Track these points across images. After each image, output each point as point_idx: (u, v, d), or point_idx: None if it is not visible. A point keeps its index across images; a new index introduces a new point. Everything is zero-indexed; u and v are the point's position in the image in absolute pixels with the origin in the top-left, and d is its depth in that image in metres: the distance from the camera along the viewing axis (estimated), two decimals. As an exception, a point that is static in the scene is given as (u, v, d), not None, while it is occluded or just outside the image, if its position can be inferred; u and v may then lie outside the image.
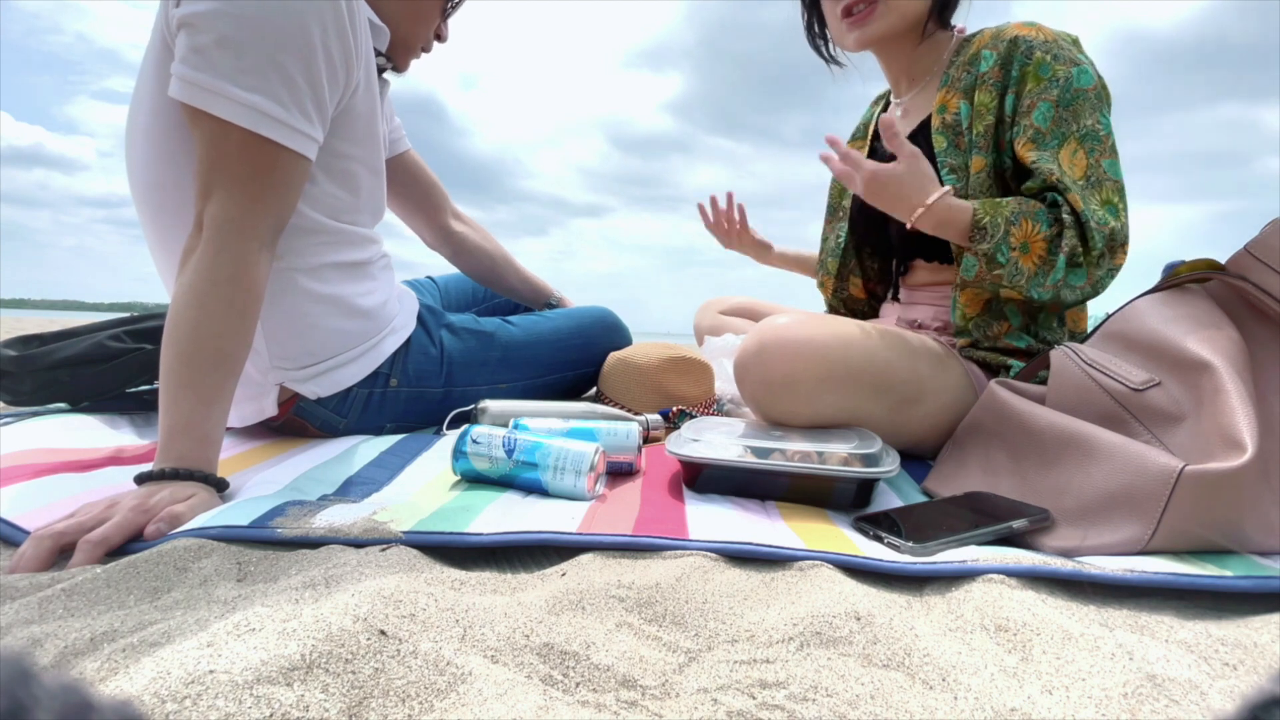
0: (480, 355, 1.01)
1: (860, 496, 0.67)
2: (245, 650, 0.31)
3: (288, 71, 0.66)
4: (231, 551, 0.50)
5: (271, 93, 0.65)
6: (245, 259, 0.65)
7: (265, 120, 0.65)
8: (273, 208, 0.68)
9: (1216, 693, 0.35)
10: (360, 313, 0.87)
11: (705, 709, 0.33)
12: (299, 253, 0.79)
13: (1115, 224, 0.77)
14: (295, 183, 0.70)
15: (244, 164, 0.65)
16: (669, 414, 1.00)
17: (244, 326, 0.65)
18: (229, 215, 0.65)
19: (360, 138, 0.80)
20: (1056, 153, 0.79)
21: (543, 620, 0.41)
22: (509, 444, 0.69)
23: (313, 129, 0.70)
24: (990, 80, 0.83)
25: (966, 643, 0.41)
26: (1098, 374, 0.66)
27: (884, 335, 0.80)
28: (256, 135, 0.65)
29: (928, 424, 0.82)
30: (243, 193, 0.65)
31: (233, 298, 0.64)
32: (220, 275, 0.63)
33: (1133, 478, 0.54)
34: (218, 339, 0.62)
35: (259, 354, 0.82)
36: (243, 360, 0.65)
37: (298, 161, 0.69)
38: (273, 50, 0.64)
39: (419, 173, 1.10)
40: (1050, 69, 0.80)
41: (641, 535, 0.54)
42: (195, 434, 0.61)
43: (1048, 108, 0.80)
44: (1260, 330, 0.62)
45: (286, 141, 0.67)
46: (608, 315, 1.21)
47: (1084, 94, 0.79)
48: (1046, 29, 0.83)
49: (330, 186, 0.79)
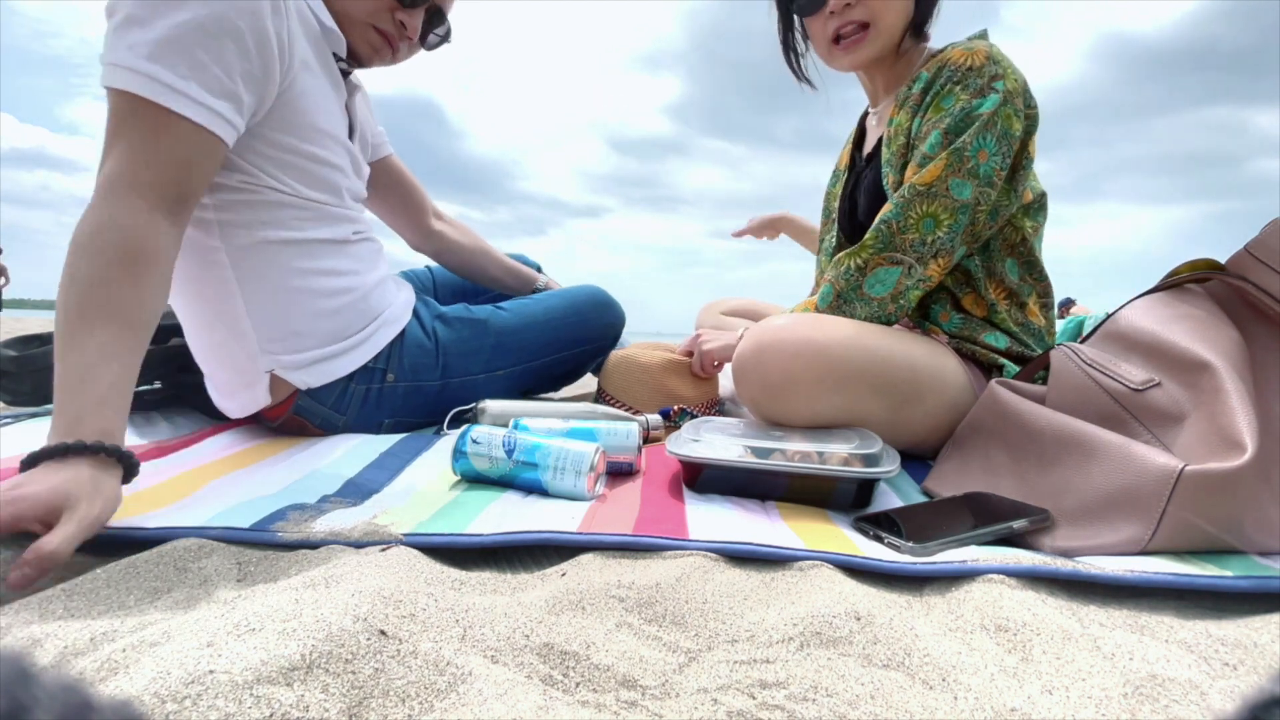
0: (475, 344, 1.02)
1: (861, 497, 0.67)
2: (245, 650, 0.31)
3: (190, 48, 0.65)
4: (232, 552, 0.50)
5: (169, 64, 0.65)
6: (130, 212, 0.61)
7: (159, 87, 0.64)
8: (167, 174, 0.64)
9: (1216, 693, 0.35)
10: (343, 290, 0.87)
11: (705, 709, 0.33)
12: (271, 225, 0.80)
13: (930, 236, 0.81)
14: (197, 157, 0.67)
15: (135, 129, 0.64)
16: (669, 414, 1.00)
17: (136, 276, 0.59)
18: (116, 172, 0.62)
19: (306, 131, 0.80)
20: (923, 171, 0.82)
21: (543, 620, 0.41)
22: (509, 444, 0.69)
23: (219, 105, 0.68)
24: (911, 103, 0.86)
25: (966, 643, 0.41)
26: (1098, 374, 0.66)
27: (882, 335, 0.80)
28: (149, 102, 0.64)
29: (928, 424, 0.82)
30: (132, 155, 0.63)
31: (119, 244, 0.59)
32: (101, 223, 0.59)
33: (1133, 478, 0.54)
34: (105, 286, 0.57)
35: (246, 337, 0.82)
36: (146, 322, 0.60)
37: (199, 134, 0.67)
38: (177, 27, 0.65)
39: (401, 177, 1.10)
40: (954, 98, 0.82)
41: (641, 535, 0.54)
42: (89, 395, 0.54)
43: (937, 136, 0.81)
44: (1260, 330, 0.62)
45: (184, 111, 0.65)
46: (599, 292, 1.21)
47: (977, 118, 0.80)
48: (981, 52, 0.82)
49: (286, 178, 0.80)
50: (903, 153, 0.87)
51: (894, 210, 0.82)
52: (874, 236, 0.82)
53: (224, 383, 0.86)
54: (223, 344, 0.83)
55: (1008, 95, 0.80)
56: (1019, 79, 0.82)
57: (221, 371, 0.85)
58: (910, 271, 0.82)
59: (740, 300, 1.48)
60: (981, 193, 0.80)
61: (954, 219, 0.80)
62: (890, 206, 0.83)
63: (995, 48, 0.83)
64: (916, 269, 0.82)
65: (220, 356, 0.84)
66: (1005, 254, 0.88)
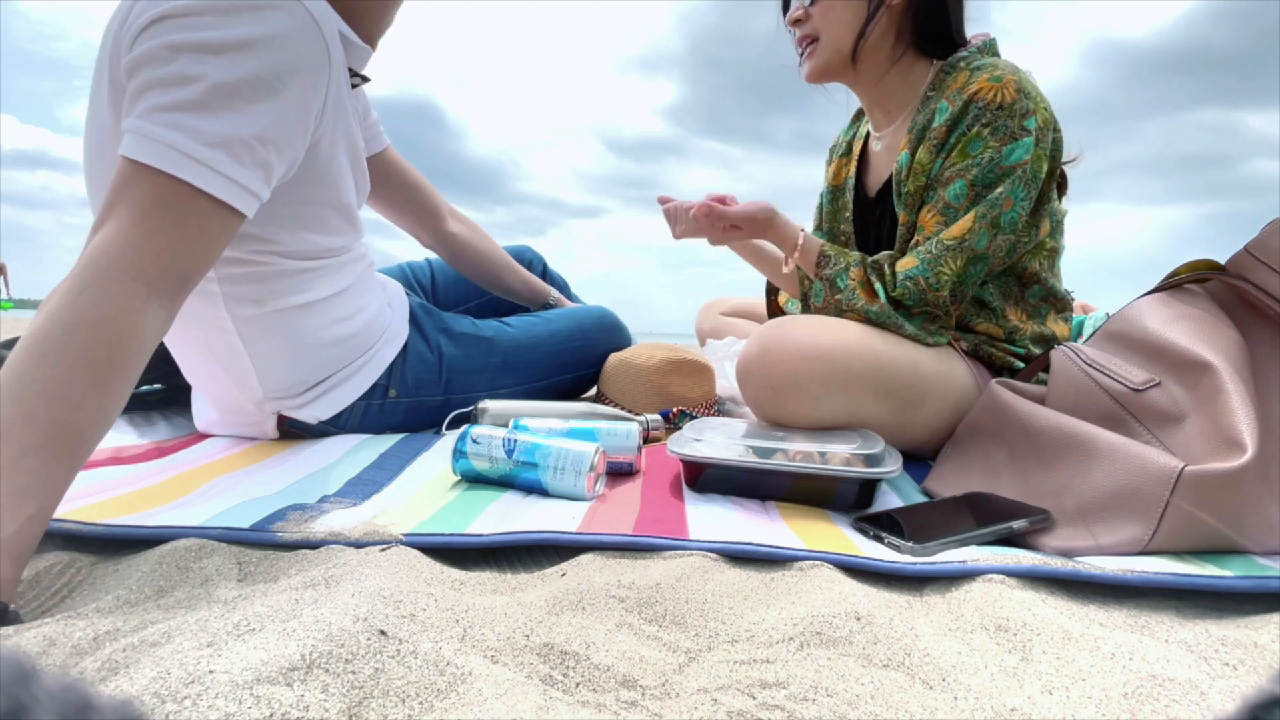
0: (480, 361, 1.01)
1: (862, 497, 0.67)
2: (245, 650, 0.31)
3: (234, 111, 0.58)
4: (232, 552, 0.50)
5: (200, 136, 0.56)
6: (120, 302, 0.49)
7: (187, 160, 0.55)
8: (173, 254, 0.54)
9: (1216, 693, 0.35)
10: (350, 335, 0.86)
11: (705, 709, 0.33)
12: (280, 295, 0.77)
13: (960, 290, 0.81)
14: (213, 236, 0.58)
15: (150, 198, 0.53)
16: (669, 415, 1.00)
17: (105, 382, 0.48)
18: (109, 248, 0.51)
19: (327, 181, 0.75)
20: (951, 224, 0.80)
21: (543, 620, 0.41)
22: (509, 444, 0.69)
23: (252, 181, 0.60)
24: (935, 139, 0.82)
25: (966, 643, 0.41)
26: (1098, 374, 0.66)
27: (888, 338, 0.80)
28: (171, 176, 0.54)
29: (931, 426, 0.82)
30: (134, 226, 0.52)
31: (99, 344, 0.47)
32: (82, 318, 0.47)
33: (1133, 478, 0.54)
34: (61, 402, 0.45)
35: (251, 389, 0.81)
36: (93, 440, 0.47)
37: (221, 213, 0.58)
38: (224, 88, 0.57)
39: (403, 174, 1.05)
40: (981, 145, 0.78)
41: (641, 535, 0.54)
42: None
43: (963, 186, 0.79)
44: (1260, 330, 0.62)
45: (213, 189, 0.56)
46: (607, 315, 1.19)
47: (1007, 172, 0.77)
48: (1011, 87, 0.77)
49: (306, 234, 0.76)
50: (920, 193, 0.84)
51: (922, 266, 0.79)
52: (903, 293, 0.81)
53: (232, 425, 0.87)
54: (228, 394, 0.83)
55: (1039, 134, 0.77)
56: (1048, 110, 0.80)
57: (230, 416, 0.86)
58: (939, 318, 0.83)
59: (740, 300, 1.48)
60: (1005, 240, 0.80)
61: (980, 268, 0.80)
62: (916, 261, 0.80)
63: (1023, 76, 0.79)
64: (947, 315, 0.84)
65: (225, 403, 0.85)
66: (1029, 281, 0.87)
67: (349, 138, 0.77)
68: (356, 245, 0.87)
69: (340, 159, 0.76)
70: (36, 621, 0.39)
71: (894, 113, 0.92)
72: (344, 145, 0.76)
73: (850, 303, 0.83)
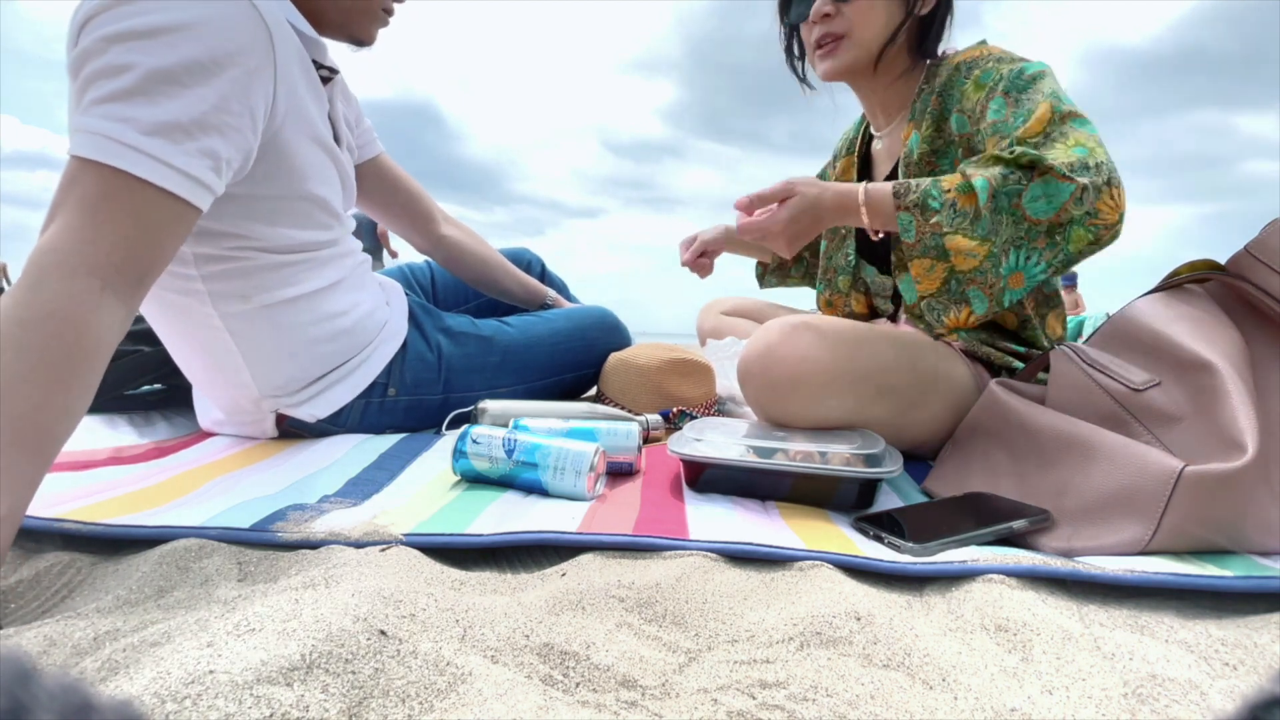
0: (479, 361, 1.01)
1: (863, 497, 0.67)
2: (245, 650, 0.31)
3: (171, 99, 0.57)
4: (232, 551, 0.50)
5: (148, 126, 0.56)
6: (73, 297, 0.49)
7: (132, 153, 0.55)
8: (126, 247, 0.53)
9: (1216, 693, 0.35)
10: (344, 331, 0.86)
11: (705, 709, 0.33)
12: (264, 289, 0.77)
13: (1092, 160, 0.68)
14: (162, 226, 0.56)
15: (95, 192, 0.53)
16: (669, 414, 1.00)
17: (69, 378, 0.47)
18: (58, 244, 0.50)
19: (295, 174, 0.74)
20: (1024, 125, 0.74)
21: (543, 620, 0.41)
22: (509, 444, 0.69)
23: (195, 168, 0.58)
24: (933, 110, 0.84)
25: (966, 643, 0.41)
26: (1098, 374, 0.66)
27: (891, 338, 0.80)
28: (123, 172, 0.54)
29: (932, 426, 0.82)
30: (82, 222, 0.51)
31: (59, 338, 0.47)
32: (40, 311, 0.47)
33: (1133, 478, 0.54)
34: (26, 398, 0.45)
35: (247, 387, 0.81)
36: (61, 436, 0.47)
37: (167, 201, 0.56)
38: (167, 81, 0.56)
39: (398, 180, 1.06)
40: (993, 73, 0.80)
41: (641, 535, 0.54)
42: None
43: (999, 102, 0.78)
44: (1260, 330, 0.62)
45: (155, 179, 0.55)
46: (607, 316, 1.19)
47: (1038, 76, 0.77)
48: (994, 48, 0.82)
49: (283, 229, 0.76)
50: (930, 161, 0.84)
51: (1048, 157, 0.67)
52: (1072, 168, 0.66)
53: (233, 424, 0.87)
54: (225, 393, 0.83)
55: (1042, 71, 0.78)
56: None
57: (231, 415, 0.86)
58: (1081, 199, 0.67)
59: (740, 300, 1.47)
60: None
61: (1102, 148, 0.68)
62: (999, 169, 0.69)
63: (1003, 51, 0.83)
64: (1089, 194, 0.67)
65: (224, 403, 0.85)
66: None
67: (312, 129, 0.76)
68: (344, 240, 0.87)
69: (308, 150, 0.75)
70: (36, 621, 0.39)
71: (893, 113, 0.95)
72: (309, 136, 0.75)
73: (954, 223, 0.72)
